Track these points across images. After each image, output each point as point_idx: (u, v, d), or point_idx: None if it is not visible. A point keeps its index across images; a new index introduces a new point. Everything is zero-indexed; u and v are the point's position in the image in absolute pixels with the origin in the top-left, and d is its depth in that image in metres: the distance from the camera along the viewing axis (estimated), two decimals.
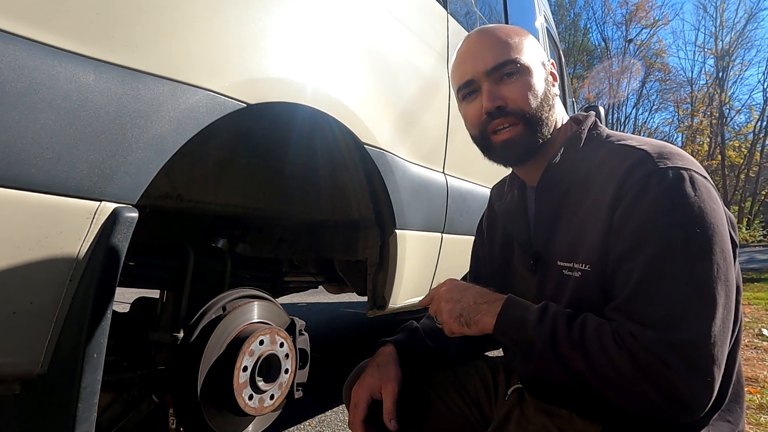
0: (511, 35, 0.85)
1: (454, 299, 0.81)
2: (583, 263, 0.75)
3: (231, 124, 0.94)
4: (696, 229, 0.66)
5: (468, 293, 0.81)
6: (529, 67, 0.82)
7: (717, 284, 0.64)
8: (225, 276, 1.21)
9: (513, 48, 0.83)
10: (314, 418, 1.94)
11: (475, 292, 0.81)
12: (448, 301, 0.82)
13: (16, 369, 0.63)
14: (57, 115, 0.60)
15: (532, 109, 0.81)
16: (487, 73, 0.82)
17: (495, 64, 0.82)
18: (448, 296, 0.82)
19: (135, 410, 1.03)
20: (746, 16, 27.88)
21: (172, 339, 1.04)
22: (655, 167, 0.70)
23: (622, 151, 0.76)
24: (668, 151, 0.73)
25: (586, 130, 0.84)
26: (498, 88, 0.82)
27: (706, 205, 0.67)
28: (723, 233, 0.67)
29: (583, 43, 31.30)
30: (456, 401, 0.97)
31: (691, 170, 0.70)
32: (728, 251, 0.67)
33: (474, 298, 0.80)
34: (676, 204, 0.67)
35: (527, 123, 0.82)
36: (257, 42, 0.90)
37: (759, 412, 2.00)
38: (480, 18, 2.08)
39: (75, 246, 0.64)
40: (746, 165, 27.88)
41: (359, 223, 1.45)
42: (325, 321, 4.03)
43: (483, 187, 2.00)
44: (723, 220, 0.68)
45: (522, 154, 0.84)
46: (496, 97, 0.81)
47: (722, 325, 0.64)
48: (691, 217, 0.66)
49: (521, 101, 0.81)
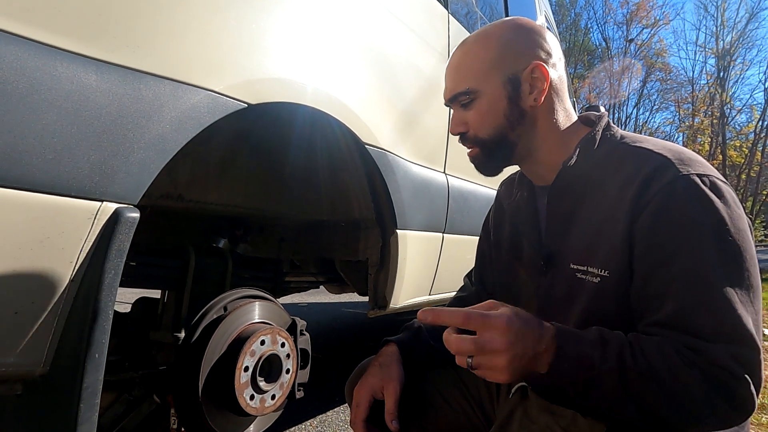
0: (473, 58, 0.83)
1: (511, 353, 0.62)
2: (601, 269, 0.74)
3: (232, 124, 0.94)
4: (727, 237, 0.66)
5: (526, 343, 0.63)
6: (486, 91, 0.82)
7: (750, 291, 0.65)
8: (226, 276, 1.21)
9: (466, 76, 0.83)
10: (315, 418, 1.94)
11: (531, 341, 0.63)
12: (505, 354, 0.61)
13: (18, 369, 0.63)
14: (58, 116, 0.60)
15: (486, 135, 0.84)
16: (449, 102, 0.88)
17: (450, 96, 0.86)
18: (509, 354, 0.61)
19: (136, 410, 1.04)
20: (747, 15, 27.89)
21: (174, 339, 1.04)
22: (677, 173, 0.69)
23: (639, 154, 0.75)
24: (688, 156, 0.73)
25: (600, 132, 0.83)
26: (462, 113, 0.86)
27: (733, 211, 0.67)
28: (750, 238, 0.68)
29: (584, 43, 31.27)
30: (458, 400, 0.97)
31: (712, 176, 0.70)
32: (755, 256, 0.68)
33: (533, 348, 0.63)
34: (704, 212, 0.67)
35: (482, 148, 0.86)
36: (258, 42, 0.90)
37: (761, 412, 1.99)
38: (481, 18, 2.08)
39: (76, 246, 0.64)
40: (747, 165, 27.84)
41: (360, 223, 1.45)
42: (326, 321, 4.03)
43: (484, 187, 2.00)
44: (747, 225, 0.69)
45: (488, 171, 0.89)
46: (458, 124, 0.86)
47: (757, 330, 0.64)
48: (721, 225, 0.66)
49: (476, 129, 0.85)
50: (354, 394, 0.92)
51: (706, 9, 29.45)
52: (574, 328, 0.73)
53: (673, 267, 0.67)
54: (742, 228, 0.67)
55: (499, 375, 0.63)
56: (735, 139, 29.37)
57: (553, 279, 0.82)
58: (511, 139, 0.84)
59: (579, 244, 0.78)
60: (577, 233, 0.80)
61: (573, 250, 0.79)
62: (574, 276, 0.78)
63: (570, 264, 0.79)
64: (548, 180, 0.86)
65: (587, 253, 0.77)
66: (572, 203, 0.81)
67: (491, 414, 0.96)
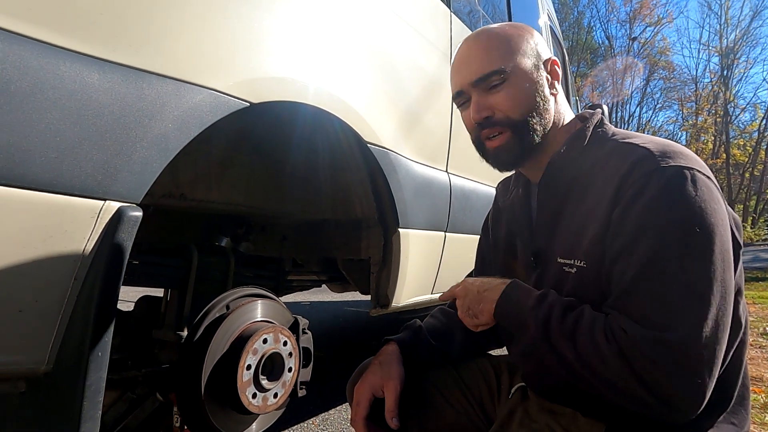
0: (501, 40, 0.84)
1: (462, 295, 0.85)
2: (583, 261, 0.75)
3: (234, 122, 0.94)
4: (694, 228, 0.65)
5: (473, 285, 0.85)
6: (517, 73, 0.82)
7: (713, 285, 0.63)
8: (228, 275, 1.21)
9: (499, 56, 0.82)
10: (317, 417, 1.94)
11: (480, 283, 0.84)
12: (460, 298, 0.86)
13: (22, 367, 0.64)
14: (61, 115, 0.60)
15: (519, 116, 0.82)
16: (474, 84, 0.84)
17: (479, 76, 0.83)
18: (461, 293, 0.86)
19: (139, 408, 1.04)
20: (751, 13, 27.74)
21: (176, 337, 1.04)
22: (656, 165, 0.69)
23: (625, 148, 0.76)
24: (672, 149, 0.72)
25: (591, 128, 0.83)
26: (485, 98, 0.83)
27: (707, 205, 0.66)
28: (723, 234, 0.66)
29: (587, 42, 31.20)
30: (459, 400, 0.97)
31: (693, 169, 0.69)
32: (727, 252, 0.66)
33: (478, 288, 0.83)
34: (675, 202, 0.67)
35: (515, 130, 0.83)
36: (260, 41, 0.91)
37: (763, 411, 1.99)
38: (483, 16, 2.07)
39: (80, 245, 0.64)
40: (751, 163, 27.75)
41: (362, 222, 1.45)
42: (328, 320, 4.03)
43: (486, 186, 1.99)
44: (724, 220, 0.68)
45: (514, 159, 0.86)
46: (483, 108, 0.84)
47: (715, 326, 0.62)
48: (689, 216, 0.66)
49: (507, 110, 0.82)
50: (354, 392, 0.93)
51: (710, 7, 29.35)
52: None
53: (634, 254, 0.67)
54: (713, 222, 0.66)
55: (461, 315, 0.86)
56: (739, 138, 29.23)
57: (543, 274, 0.83)
58: (541, 123, 0.83)
59: (565, 238, 0.79)
60: (564, 228, 0.80)
61: (560, 245, 0.80)
62: (561, 270, 0.79)
63: (557, 258, 0.79)
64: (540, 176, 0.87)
65: (573, 246, 0.77)
66: (560, 199, 0.82)
67: (492, 413, 0.96)
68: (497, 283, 0.82)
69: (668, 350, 0.61)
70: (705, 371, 0.61)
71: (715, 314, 0.63)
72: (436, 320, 1.06)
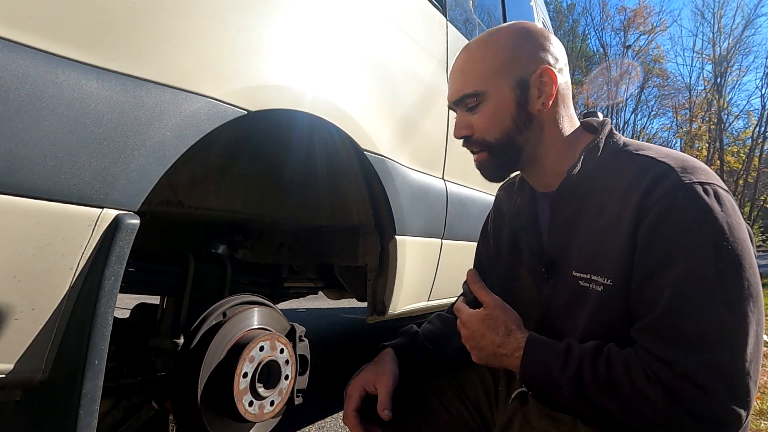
0: (484, 57, 0.83)
1: (476, 347, 0.82)
2: (606, 277, 0.74)
3: (231, 130, 0.94)
4: (726, 246, 0.65)
5: (486, 342, 0.80)
6: (492, 96, 0.81)
7: (749, 301, 0.63)
8: (225, 282, 1.21)
9: (475, 77, 0.82)
10: (314, 425, 1.94)
11: (490, 342, 0.79)
12: (472, 348, 0.83)
13: (18, 375, 0.63)
14: (59, 123, 0.60)
15: (494, 139, 0.83)
16: (454, 104, 0.87)
17: (457, 98, 0.85)
18: (471, 343, 0.82)
19: (135, 416, 1.04)
20: (743, 22, 27.99)
21: (173, 345, 1.04)
22: (679, 182, 0.69)
23: (641, 161, 0.75)
24: (691, 165, 0.72)
25: (603, 139, 0.82)
26: (466, 117, 0.85)
27: (733, 220, 0.67)
28: (750, 247, 0.67)
29: (582, 49, 31.39)
30: (456, 405, 0.97)
31: (714, 185, 0.69)
32: (755, 265, 0.67)
33: (493, 349, 0.79)
34: (704, 220, 0.66)
35: (491, 151, 0.84)
36: (258, 49, 0.91)
37: (759, 418, 1.99)
38: (479, 25, 2.09)
39: (77, 253, 0.64)
40: (745, 170, 27.90)
41: (359, 229, 1.45)
42: (325, 327, 4.02)
43: (483, 193, 2.00)
44: (747, 234, 0.68)
45: (494, 176, 0.88)
46: (461, 127, 0.86)
47: (756, 341, 0.63)
48: (720, 234, 0.65)
49: (483, 132, 0.84)
50: (347, 389, 0.93)
51: (703, 15, 29.63)
52: (580, 335, 0.75)
53: (668, 274, 0.67)
54: (741, 237, 0.66)
55: (476, 361, 0.83)
56: (732, 145, 29.41)
57: (555, 286, 0.82)
58: (519, 143, 0.83)
59: (582, 251, 0.78)
60: (579, 241, 0.79)
61: (575, 258, 0.79)
62: (576, 284, 0.78)
63: (572, 272, 0.78)
64: (551, 186, 0.86)
65: (590, 260, 0.76)
66: (575, 210, 0.81)
67: (489, 419, 0.96)
68: (514, 346, 0.77)
69: (718, 374, 0.61)
70: (752, 386, 0.62)
71: (755, 330, 0.63)
72: (433, 326, 1.06)
